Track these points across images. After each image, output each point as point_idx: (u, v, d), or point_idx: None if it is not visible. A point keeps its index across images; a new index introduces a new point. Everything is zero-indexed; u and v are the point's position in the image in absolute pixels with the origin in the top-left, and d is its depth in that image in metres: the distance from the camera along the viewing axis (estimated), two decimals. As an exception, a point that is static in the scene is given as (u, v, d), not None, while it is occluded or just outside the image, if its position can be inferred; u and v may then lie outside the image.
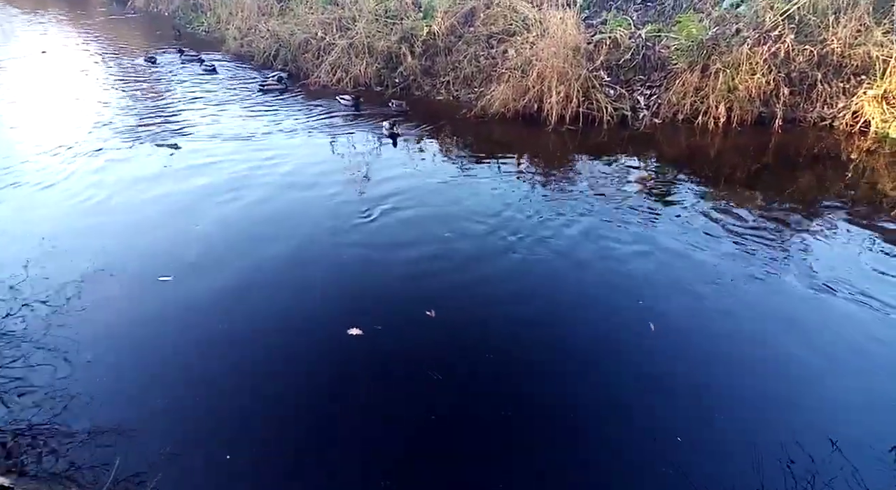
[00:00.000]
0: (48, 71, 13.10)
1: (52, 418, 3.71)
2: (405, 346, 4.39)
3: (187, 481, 3.34)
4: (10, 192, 6.93)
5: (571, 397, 3.96)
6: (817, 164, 7.79)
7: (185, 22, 18.57)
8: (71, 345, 4.34)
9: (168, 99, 10.86)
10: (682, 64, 8.97)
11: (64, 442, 3.55)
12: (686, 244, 5.71)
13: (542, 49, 9.11)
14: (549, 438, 3.63)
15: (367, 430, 3.67)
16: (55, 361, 4.18)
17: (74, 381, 4.01)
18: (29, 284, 5.06)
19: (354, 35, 11.49)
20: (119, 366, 4.20)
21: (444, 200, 6.73)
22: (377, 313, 4.68)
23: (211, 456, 3.50)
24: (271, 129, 9.12)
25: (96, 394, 3.92)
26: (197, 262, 5.48)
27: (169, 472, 3.32)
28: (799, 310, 4.75)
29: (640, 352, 4.35)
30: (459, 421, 3.75)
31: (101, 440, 3.55)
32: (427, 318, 4.62)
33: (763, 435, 3.57)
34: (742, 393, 3.96)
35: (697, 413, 3.80)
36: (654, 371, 4.15)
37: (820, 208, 6.49)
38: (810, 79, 8.65)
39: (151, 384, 4.03)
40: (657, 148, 8.46)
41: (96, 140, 8.62)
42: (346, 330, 4.46)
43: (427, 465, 3.47)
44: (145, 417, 3.74)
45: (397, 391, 3.99)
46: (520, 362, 4.23)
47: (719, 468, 3.39)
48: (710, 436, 3.63)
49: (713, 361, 4.26)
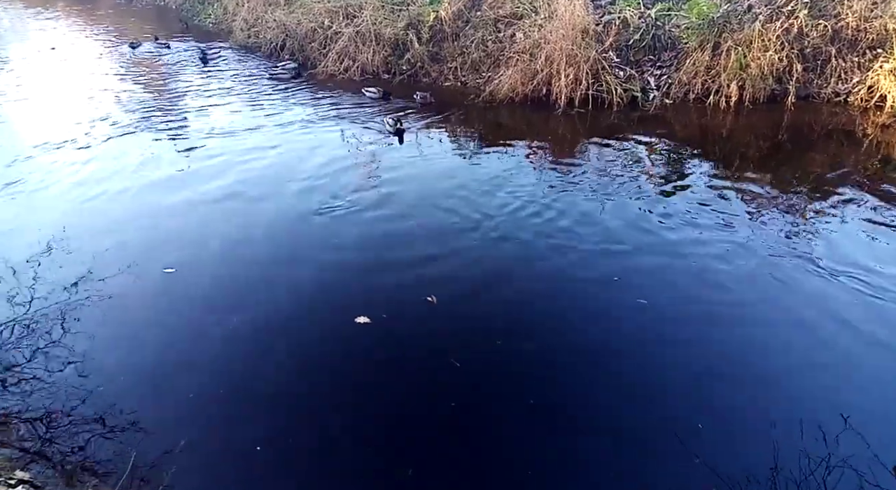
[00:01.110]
0: (57, 68, 13.21)
1: (70, 412, 3.79)
2: (414, 331, 4.45)
3: (203, 473, 3.40)
4: (21, 187, 7.07)
5: (587, 384, 4.02)
6: (832, 140, 7.69)
7: (191, 14, 18.59)
8: (86, 339, 4.43)
9: (173, 91, 10.95)
10: (693, 43, 8.86)
11: (81, 435, 3.63)
12: (699, 226, 5.71)
13: (550, 32, 9.03)
14: (570, 424, 3.69)
15: (382, 414, 3.75)
16: (71, 356, 4.26)
17: (91, 375, 4.09)
18: (43, 279, 5.13)
19: (361, 23, 11.45)
20: (134, 359, 4.28)
21: (451, 185, 6.75)
22: (382, 302, 4.73)
23: (226, 447, 3.57)
24: (280, 121, 9.15)
25: (112, 387, 3.99)
26: (207, 255, 5.55)
27: (184, 463, 3.38)
28: (814, 290, 4.72)
29: (652, 336, 4.38)
30: (470, 407, 3.81)
31: (117, 433, 3.63)
32: (430, 305, 4.68)
33: (781, 413, 3.60)
34: (756, 373, 3.97)
35: (713, 397, 3.82)
36: (666, 352, 4.18)
37: (835, 186, 6.42)
38: (824, 54, 8.52)
39: (166, 377, 4.11)
40: (668, 128, 8.39)
41: (106, 134, 8.73)
42: (354, 318, 4.52)
43: (442, 450, 3.54)
44: (161, 410, 3.82)
45: (408, 376, 4.06)
46: (531, 350, 4.26)
47: (737, 449, 3.42)
48: (730, 417, 3.64)
49: (728, 344, 4.26)
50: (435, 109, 9.36)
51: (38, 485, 3.24)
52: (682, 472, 3.27)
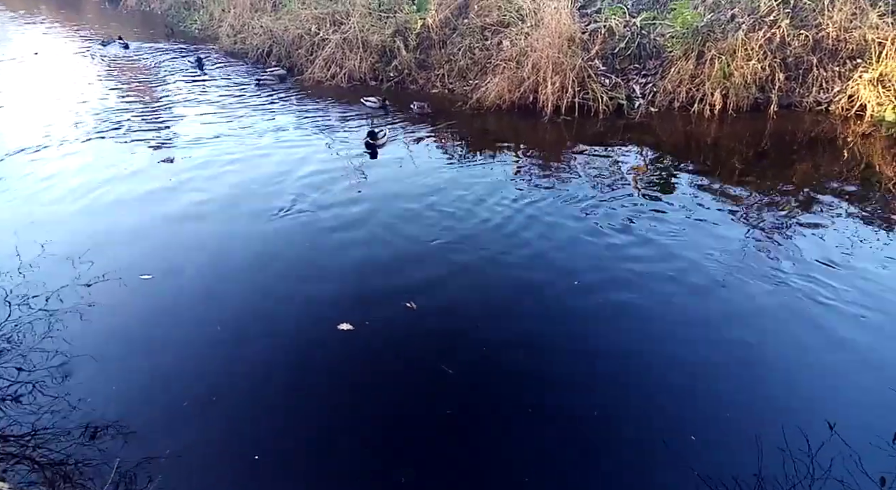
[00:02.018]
0: (39, 72, 13.04)
1: (52, 419, 3.71)
2: (397, 337, 4.43)
3: (189, 480, 3.35)
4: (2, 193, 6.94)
5: (580, 389, 4.00)
6: (814, 148, 7.81)
7: (177, 20, 18.47)
8: (70, 346, 4.35)
9: (158, 95, 10.84)
10: (678, 51, 8.96)
11: (65, 442, 3.55)
12: (683, 233, 5.74)
13: (536, 39, 9.09)
14: (562, 432, 3.68)
15: (369, 418, 3.72)
16: (54, 362, 4.18)
17: (74, 382, 4.01)
18: (26, 286, 5.03)
19: (348, 29, 11.44)
20: (116, 366, 4.20)
21: (437, 194, 6.72)
22: (364, 308, 4.72)
23: (212, 455, 3.52)
24: (267, 128, 9.08)
25: (96, 394, 3.92)
26: (189, 263, 5.47)
27: (171, 471, 3.33)
28: (796, 298, 4.75)
29: (640, 342, 4.39)
30: (461, 414, 3.78)
31: (101, 440, 3.56)
32: (410, 310, 4.68)
33: (765, 424, 3.62)
34: (743, 383, 3.98)
35: (704, 407, 3.83)
36: (650, 356, 4.20)
37: (817, 193, 6.51)
38: (806, 63, 8.66)
39: (151, 384, 4.05)
40: (654, 136, 8.46)
41: (88, 139, 8.59)
42: (337, 326, 4.49)
43: (433, 452, 3.51)
44: (145, 417, 3.75)
45: (393, 380, 4.07)
46: (524, 356, 4.26)
47: (726, 457, 3.43)
48: (719, 428, 3.65)
49: (714, 354, 4.26)
50: (431, 120, 9.27)
51: (20, 491, 3.17)
52: (671, 478, 3.29)
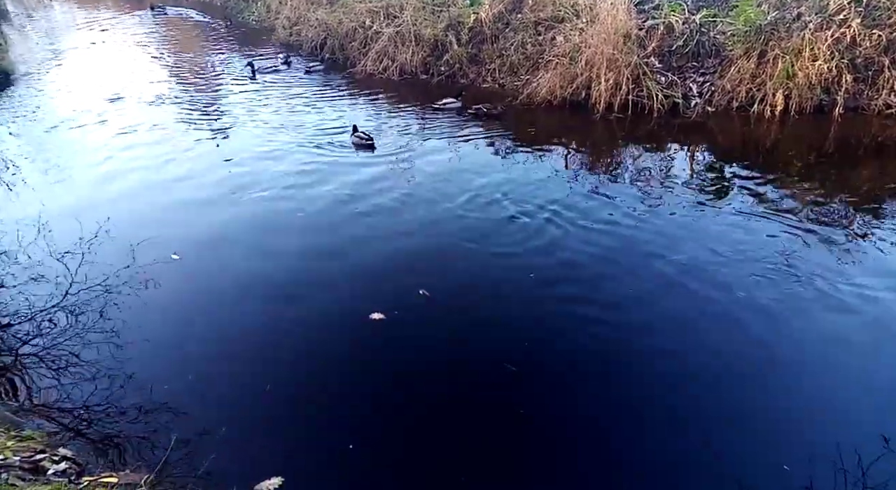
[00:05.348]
0: (103, 61, 13.73)
1: (109, 396, 3.88)
2: (461, 336, 4.48)
3: (241, 461, 3.42)
4: (68, 177, 7.38)
5: (609, 387, 3.99)
6: (881, 154, 7.43)
7: (236, 11, 19.03)
8: (127, 325, 4.53)
9: (219, 88, 11.26)
10: (738, 50, 8.67)
11: (121, 417, 3.70)
12: (738, 240, 5.52)
13: (591, 35, 8.97)
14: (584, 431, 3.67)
15: (400, 399, 3.85)
16: (112, 340, 4.37)
17: (130, 361, 4.17)
18: (86, 265, 5.21)
19: (401, 23, 11.56)
20: (174, 347, 4.39)
21: (487, 188, 6.75)
22: (394, 298, 4.80)
23: (264, 436, 3.63)
24: (313, 120, 9.32)
25: (152, 372, 4.07)
26: (246, 249, 5.67)
27: (223, 451, 3.40)
28: (858, 310, 4.53)
29: (682, 343, 4.32)
30: (478, 408, 3.81)
31: (156, 418, 3.69)
32: (423, 299, 4.77)
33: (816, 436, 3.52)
34: (800, 393, 3.86)
35: (755, 415, 3.74)
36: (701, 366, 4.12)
37: (883, 203, 6.18)
38: (877, 64, 8.23)
39: (206, 365, 4.20)
40: (710, 137, 8.24)
41: (149, 127, 9.06)
42: (369, 315, 4.58)
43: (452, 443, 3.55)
44: (201, 397, 3.89)
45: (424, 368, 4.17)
46: (554, 352, 4.27)
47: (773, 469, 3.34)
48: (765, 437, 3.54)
49: (771, 361, 4.12)
50: (498, 120, 9.08)
51: (80, 462, 3.34)
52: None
